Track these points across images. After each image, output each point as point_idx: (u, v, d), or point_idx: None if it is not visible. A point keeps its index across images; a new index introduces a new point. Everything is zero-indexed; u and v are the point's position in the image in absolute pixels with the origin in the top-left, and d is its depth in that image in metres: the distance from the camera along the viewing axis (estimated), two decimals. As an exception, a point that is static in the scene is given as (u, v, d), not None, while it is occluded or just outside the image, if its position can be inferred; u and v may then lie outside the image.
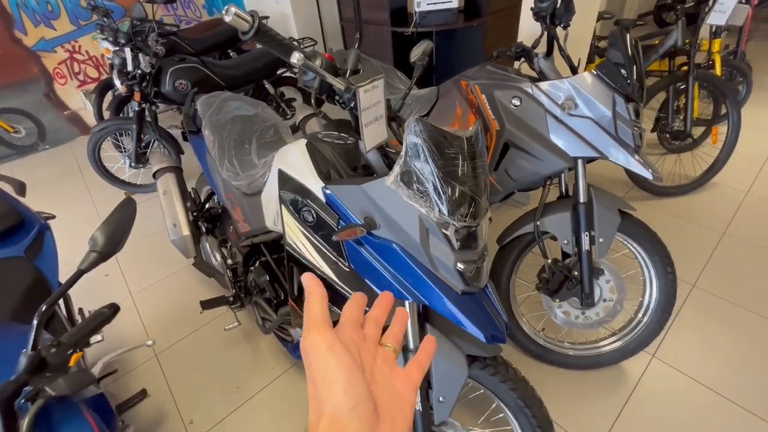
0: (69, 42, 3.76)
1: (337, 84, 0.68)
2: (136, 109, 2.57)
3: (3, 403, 0.56)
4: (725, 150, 2.22)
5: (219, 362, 1.69)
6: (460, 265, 0.76)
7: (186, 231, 1.64)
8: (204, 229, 1.76)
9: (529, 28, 1.93)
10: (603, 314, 1.41)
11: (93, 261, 0.67)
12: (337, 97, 0.75)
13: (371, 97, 0.72)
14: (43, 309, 0.61)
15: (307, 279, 0.33)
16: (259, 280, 1.31)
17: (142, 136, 2.70)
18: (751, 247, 1.96)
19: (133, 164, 2.76)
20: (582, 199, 1.30)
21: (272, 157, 1.25)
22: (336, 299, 0.90)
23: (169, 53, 2.61)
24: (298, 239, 0.90)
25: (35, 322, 0.61)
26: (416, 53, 1.07)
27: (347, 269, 0.86)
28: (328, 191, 0.85)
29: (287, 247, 0.91)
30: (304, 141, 1.01)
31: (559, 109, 1.22)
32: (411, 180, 0.73)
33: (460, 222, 0.74)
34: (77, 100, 3.96)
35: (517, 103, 1.28)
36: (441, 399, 0.94)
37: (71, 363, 0.68)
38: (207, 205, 1.74)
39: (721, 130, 2.25)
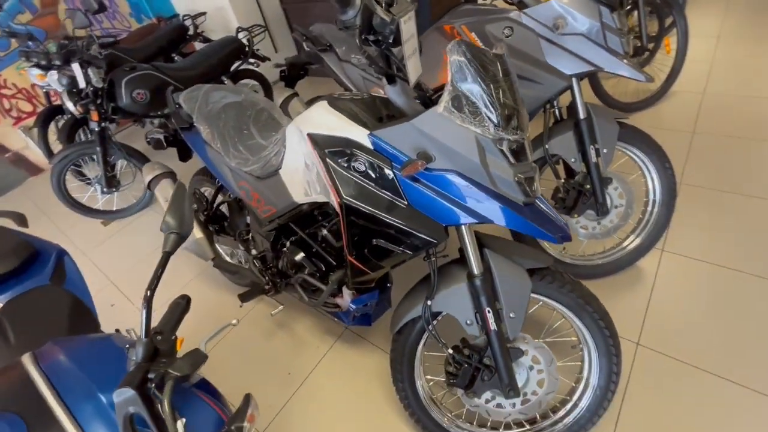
0: (-9, 77, 3.44)
1: (384, 15, 0.68)
2: (96, 129, 2.40)
3: (138, 390, 0.55)
4: (679, 55, 2.39)
5: (263, 354, 1.68)
6: (519, 176, 0.80)
7: (199, 234, 1.60)
8: (213, 229, 1.71)
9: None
10: (617, 220, 1.51)
11: (174, 241, 0.66)
12: (371, 37, 0.75)
13: (409, 29, 0.73)
14: (148, 294, 0.59)
15: None
16: (296, 259, 1.31)
17: (108, 158, 2.54)
18: (719, 139, 2.14)
19: (105, 189, 2.60)
20: (582, 115, 1.37)
21: (282, 133, 1.23)
22: (397, 238, 0.91)
23: (110, 67, 2.44)
24: (354, 191, 0.90)
25: (144, 310, 0.59)
26: None
27: (405, 207, 0.88)
28: (374, 137, 0.86)
29: (345, 202, 0.91)
30: (325, 102, 1.00)
31: (550, 31, 1.27)
32: (461, 104, 0.76)
33: (512, 134, 0.78)
34: (17, 140, 3.64)
35: (509, 32, 1.31)
36: (512, 315, 0.99)
37: (178, 347, 0.67)
38: (217, 200, 1.68)
39: (672, 41, 2.40)
